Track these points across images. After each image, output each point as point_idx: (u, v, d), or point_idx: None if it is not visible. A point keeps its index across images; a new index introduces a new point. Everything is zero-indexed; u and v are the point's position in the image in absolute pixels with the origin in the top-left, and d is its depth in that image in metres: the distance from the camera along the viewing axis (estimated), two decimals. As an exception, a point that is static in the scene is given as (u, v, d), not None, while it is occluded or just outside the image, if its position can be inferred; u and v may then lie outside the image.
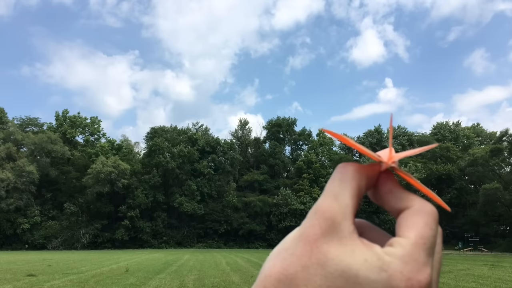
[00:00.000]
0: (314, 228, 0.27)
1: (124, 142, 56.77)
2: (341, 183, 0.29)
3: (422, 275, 0.25)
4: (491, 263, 19.49)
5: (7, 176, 42.67)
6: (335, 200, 0.28)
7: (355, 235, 0.27)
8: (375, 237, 0.30)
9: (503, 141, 40.85)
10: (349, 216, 0.28)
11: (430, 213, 0.28)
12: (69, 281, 11.65)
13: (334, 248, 0.26)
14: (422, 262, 0.26)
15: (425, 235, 0.27)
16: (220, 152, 51.52)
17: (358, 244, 0.27)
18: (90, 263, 19.74)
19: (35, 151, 47.75)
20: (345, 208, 0.28)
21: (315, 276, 0.25)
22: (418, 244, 0.26)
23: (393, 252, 0.26)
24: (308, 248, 0.26)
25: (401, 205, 0.29)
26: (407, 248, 0.26)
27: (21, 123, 53.20)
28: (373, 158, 0.31)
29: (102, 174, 43.82)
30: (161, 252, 33.88)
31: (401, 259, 0.26)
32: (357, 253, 0.26)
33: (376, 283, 0.25)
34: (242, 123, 60.11)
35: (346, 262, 0.25)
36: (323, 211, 0.27)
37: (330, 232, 0.27)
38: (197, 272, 14.68)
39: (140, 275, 13.43)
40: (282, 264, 0.26)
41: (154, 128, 53.65)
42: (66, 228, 44.99)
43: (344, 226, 0.27)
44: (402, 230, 0.28)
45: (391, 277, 0.25)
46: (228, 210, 48.10)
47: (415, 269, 0.25)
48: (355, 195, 0.29)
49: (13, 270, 15.18)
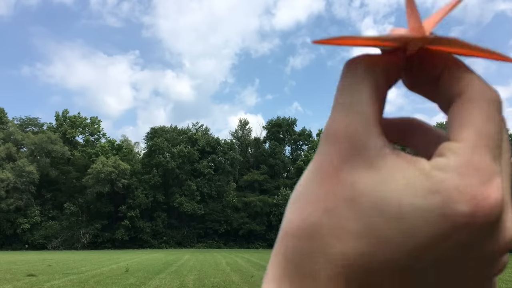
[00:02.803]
0: (329, 156, 0.19)
1: (124, 142, 56.72)
2: (351, 88, 0.19)
3: (489, 188, 0.17)
4: (491, 263, 19.46)
5: (7, 176, 42.68)
6: (349, 112, 0.19)
7: (388, 151, 0.18)
8: (423, 143, 0.22)
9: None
10: (373, 128, 0.19)
11: (491, 100, 0.19)
12: (69, 281, 11.64)
13: (363, 175, 0.18)
14: (487, 170, 0.17)
15: (487, 132, 0.18)
16: (220, 152, 51.54)
17: (396, 164, 0.18)
18: (90, 263, 19.73)
19: (35, 151, 47.75)
20: (364, 118, 0.19)
21: (345, 219, 0.18)
22: (478, 146, 0.17)
23: (445, 164, 0.17)
24: (328, 185, 0.19)
25: (452, 88, 0.20)
26: (463, 155, 0.17)
27: (21, 123, 53.20)
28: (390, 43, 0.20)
29: (102, 174, 43.84)
30: (161, 252, 33.88)
31: (456, 172, 0.17)
32: (395, 177, 0.18)
33: (429, 212, 0.17)
34: (242, 123, 60.14)
35: (382, 192, 0.17)
36: (335, 131, 0.19)
37: (352, 155, 0.18)
38: (197, 272, 14.67)
39: (140, 275, 13.42)
40: (301, 215, 0.19)
41: (154, 128, 53.69)
42: (66, 228, 45.01)
43: (369, 142, 0.18)
44: (454, 130, 0.18)
45: (447, 199, 0.16)
46: (228, 210, 48.14)
47: (478, 182, 0.17)
48: (375, 98, 0.20)
49: (13, 270, 15.16)
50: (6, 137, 47.17)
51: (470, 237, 0.17)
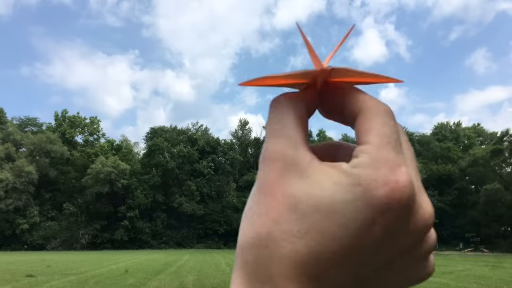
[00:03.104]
0: (269, 175, 0.23)
1: (124, 142, 56.63)
2: (279, 118, 0.25)
3: (398, 174, 0.22)
4: (492, 264, 19.39)
5: (6, 176, 42.57)
6: (278, 137, 0.24)
7: (316, 162, 0.23)
8: (343, 154, 0.27)
9: (504, 142, 40.80)
10: (300, 146, 0.24)
11: (384, 111, 0.25)
12: (68, 281, 11.55)
13: (298, 185, 0.22)
14: (394, 161, 0.22)
15: (385, 133, 0.23)
16: (220, 152, 51.46)
17: (322, 170, 0.23)
18: (89, 263, 19.63)
19: (34, 151, 47.62)
20: (292, 140, 0.24)
21: (291, 224, 0.22)
22: (382, 144, 0.23)
23: (360, 162, 0.22)
24: (273, 198, 0.23)
25: (352, 109, 0.25)
26: (372, 153, 0.22)
27: (20, 123, 53.09)
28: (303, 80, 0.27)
29: (102, 174, 43.73)
30: (160, 253, 33.79)
31: (371, 166, 0.22)
32: (323, 180, 0.22)
33: (354, 201, 0.21)
34: (242, 123, 60.03)
35: (315, 194, 0.22)
36: (270, 154, 0.24)
37: (287, 171, 0.23)
38: (197, 272, 14.59)
39: (140, 275, 13.33)
40: (253, 228, 0.23)
41: (154, 128, 53.63)
42: (65, 228, 44.89)
43: (298, 158, 0.23)
44: (361, 136, 0.24)
45: (367, 189, 0.21)
46: (228, 210, 48.04)
47: (388, 171, 0.22)
48: (299, 125, 0.25)
49: (12, 271, 15.07)
50: (5, 137, 47.04)
51: (394, 220, 0.21)
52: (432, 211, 0.24)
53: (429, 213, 0.23)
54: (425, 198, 0.24)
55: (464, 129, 58.46)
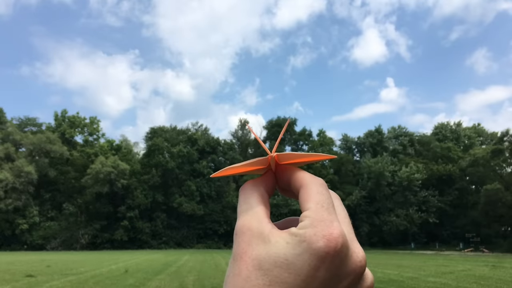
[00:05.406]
0: (240, 244, 0.32)
1: (124, 142, 56.57)
2: (245, 201, 0.35)
3: (332, 228, 0.30)
4: (492, 264, 19.35)
5: (5, 176, 42.52)
6: (246, 215, 0.33)
7: (275, 230, 0.32)
8: (296, 224, 0.34)
9: (504, 142, 40.76)
10: (262, 219, 0.33)
11: (318, 183, 0.34)
12: (68, 281, 11.50)
13: (262, 249, 0.31)
14: (328, 219, 0.31)
15: (320, 200, 0.32)
16: (220, 153, 51.40)
17: (279, 235, 0.31)
18: (89, 263, 19.58)
19: (33, 151, 47.56)
20: (256, 215, 0.33)
21: (258, 279, 0.30)
22: (318, 208, 0.32)
23: (304, 224, 0.31)
24: (243, 262, 0.31)
25: (295, 185, 0.35)
26: (312, 216, 0.31)
27: (20, 123, 53.00)
28: (259, 166, 0.36)
29: (101, 174, 43.67)
30: (160, 253, 33.73)
31: (311, 226, 0.30)
32: (279, 242, 0.31)
33: (302, 254, 0.29)
34: (242, 123, 60.00)
35: (274, 253, 0.30)
36: (240, 228, 0.33)
37: (253, 240, 0.31)
38: (197, 273, 14.54)
39: (140, 276, 13.29)
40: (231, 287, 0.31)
41: (154, 128, 53.55)
42: (65, 228, 44.82)
43: (262, 228, 0.32)
44: (303, 205, 0.33)
45: (310, 243, 0.29)
46: (228, 210, 47.97)
47: (324, 227, 0.30)
48: (261, 202, 0.34)
49: (11, 271, 15.02)
50: (4, 137, 46.99)
51: (333, 264, 0.30)
52: (364, 255, 0.32)
53: (362, 256, 0.32)
54: (357, 245, 0.33)
55: (465, 129, 58.41)
